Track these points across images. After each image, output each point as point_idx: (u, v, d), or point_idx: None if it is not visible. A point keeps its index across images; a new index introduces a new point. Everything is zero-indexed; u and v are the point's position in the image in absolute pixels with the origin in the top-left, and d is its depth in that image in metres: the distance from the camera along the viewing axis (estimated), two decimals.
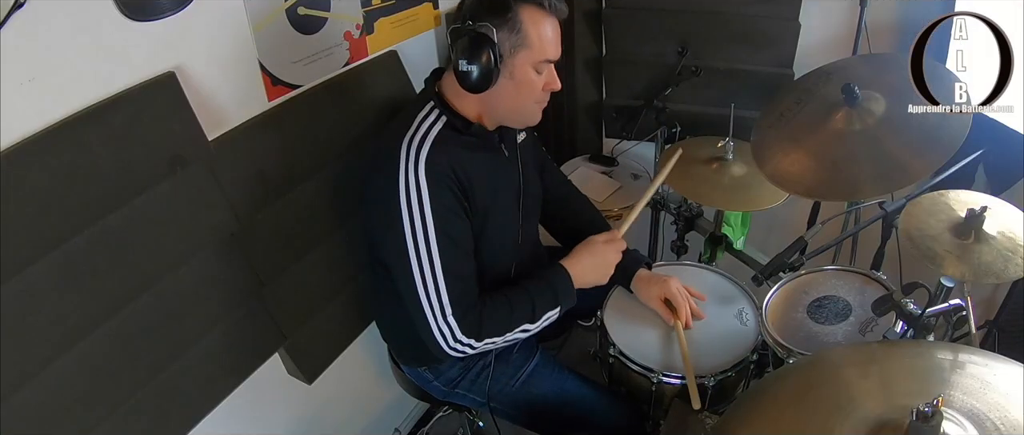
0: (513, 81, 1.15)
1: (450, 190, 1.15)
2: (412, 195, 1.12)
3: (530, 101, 1.20)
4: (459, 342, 1.18)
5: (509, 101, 1.19)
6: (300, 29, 1.25)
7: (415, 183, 1.12)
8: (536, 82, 1.18)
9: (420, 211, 1.12)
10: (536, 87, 1.18)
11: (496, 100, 1.19)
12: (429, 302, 1.15)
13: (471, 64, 1.10)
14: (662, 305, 1.38)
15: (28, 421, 0.97)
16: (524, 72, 1.15)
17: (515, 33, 1.12)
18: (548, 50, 1.16)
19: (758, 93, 1.79)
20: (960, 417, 0.72)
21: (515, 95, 1.18)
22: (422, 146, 1.14)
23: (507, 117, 1.24)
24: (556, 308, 1.26)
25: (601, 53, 2.03)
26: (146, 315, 1.09)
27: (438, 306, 1.15)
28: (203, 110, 1.10)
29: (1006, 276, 1.04)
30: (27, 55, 0.87)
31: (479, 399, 1.41)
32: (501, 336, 1.22)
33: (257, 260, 1.27)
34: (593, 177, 2.04)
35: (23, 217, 0.90)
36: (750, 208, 1.70)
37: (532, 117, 1.24)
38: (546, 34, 1.14)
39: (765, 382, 0.99)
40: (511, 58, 1.13)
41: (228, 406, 1.30)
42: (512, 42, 1.12)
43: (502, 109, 1.21)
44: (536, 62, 1.15)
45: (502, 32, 1.11)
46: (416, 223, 1.13)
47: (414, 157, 1.13)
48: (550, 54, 1.16)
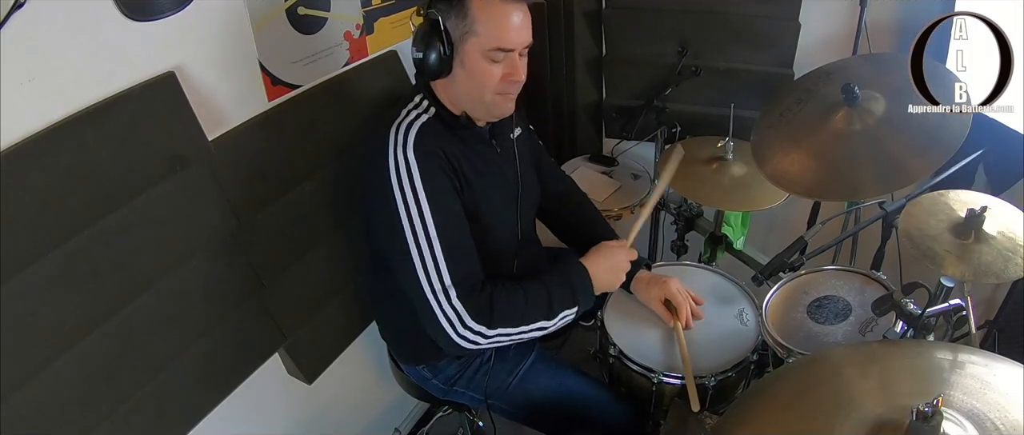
0: (465, 70, 1.12)
1: (441, 169, 1.13)
2: (402, 174, 1.10)
3: (487, 91, 1.14)
4: (469, 329, 1.13)
5: (467, 91, 1.16)
6: (300, 29, 1.25)
7: (404, 162, 1.10)
8: (490, 71, 1.12)
9: (412, 188, 1.10)
10: (492, 76, 1.13)
11: (456, 90, 1.16)
12: (431, 286, 1.12)
13: (420, 51, 1.09)
14: (662, 306, 1.38)
15: (28, 421, 0.97)
16: (475, 61, 1.11)
17: (463, 19, 1.08)
18: (500, 38, 1.09)
19: (758, 93, 1.79)
20: (960, 417, 0.72)
21: (470, 85, 1.14)
22: (410, 129, 1.13)
23: (470, 108, 1.20)
24: (574, 307, 1.22)
25: (601, 53, 2.03)
26: (146, 315, 1.09)
27: (441, 288, 1.11)
28: (203, 110, 1.10)
29: (1006, 276, 1.04)
30: (27, 55, 0.87)
31: (478, 396, 1.40)
32: (516, 327, 1.17)
33: (257, 260, 1.27)
34: (593, 177, 2.04)
35: (23, 217, 0.90)
36: (750, 208, 1.70)
37: (497, 109, 1.19)
38: (500, 21, 1.09)
39: (765, 382, 0.98)
40: (461, 45, 1.10)
41: (228, 406, 1.30)
42: (461, 29, 1.09)
43: (463, 99, 1.18)
44: (486, 50, 1.10)
45: (450, 19, 1.08)
46: (409, 201, 1.10)
47: (403, 139, 1.12)
48: (503, 42, 1.10)
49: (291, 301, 1.37)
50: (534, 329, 1.20)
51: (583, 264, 1.26)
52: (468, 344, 1.15)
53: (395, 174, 1.10)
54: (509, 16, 1.10)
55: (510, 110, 1.21)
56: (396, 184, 1.10)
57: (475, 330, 1.13)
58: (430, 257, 1.11)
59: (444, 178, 1.13)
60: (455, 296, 1.12)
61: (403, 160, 1.10)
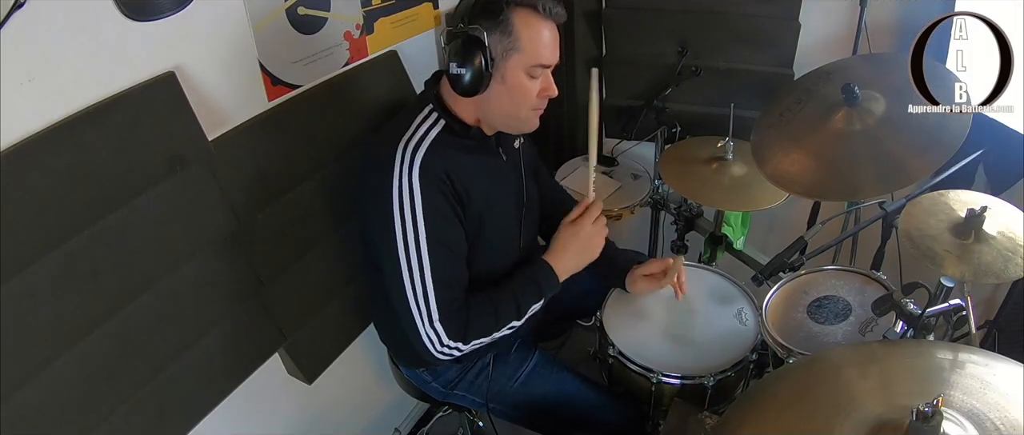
0: (505, 86, 1.13)
1: (443, 194, 1.14)
2: (405, 198, 1.11)
3: (525, 107, 1.17)
4: (446, 346, 1.18)
5: (503, 106, 1.17)
6: (300, 29, 1.25)
7: (408, 186, 1.11)
8: (530, 87, 1.15)
9: (412, 215, 1.11)
10: (530, 93, 1.15)
11: (490, 105, 1.17)
12: (417, 307, 1.15)
13: (462, 67, 1.09)
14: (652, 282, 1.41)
15: (28, 421, 0.97)
16: (516, 77, 1.13)
17: (507, 36, 1.09)
18: (542, 55, 1.12)
19: (758, 93, 1.79)
20: (960, 417, 0.72)
21: (508, 100, 1.15)
22: (418, 149, 1.13)
23: (502, 123, 1.22)
24: (540, 300, 1.25)
25: (601, 53, 2.03)
26: (146, 315, 1.09)
27: (425, 312, 1.15)
28: (203, 110, 1.10)
29: (1006, 276, 1.04)
30: (27, 55, 0.87)
31: (478, 400, 1.41)
32: (488, 336, 1.22)
33: (257, 260, 1.27)
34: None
35: (23, 217, 0.90)
36: (750, 208, 1.70)
37: (528, 124, 1.21)
38: (540, 38, 1.11)
39: (765, 382, 0.99)
40: (503, 62, 1.11)
41: (228, 406, 1.30)
42: (504, 45, 1.10)
43: (497, 114, 1.19)
44: (528, 67, 1.12)
45: (494, 35, 1.09)
46: (408, 227, 1.12)
47: (409, 160, 1.12)
48: (544, 59, 1.13)
49: (291, 301, 1.37)
50: (505, 330, 1.24)
51: (548, 263, 1.27)
52: (446, 357, 1.20)
53: (397, 198, 1.11)
54: (546, 33, 1.12)
55: (536, 125, 1.23)
56: (397, 207, 1.11)
57: (452, 346, 1.19)
58: (420, 281, 1.14)
59: (446, 205, 1.15)
60: (437, 319, 1.16)
61: (407, 185, 1.11)
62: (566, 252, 1.28)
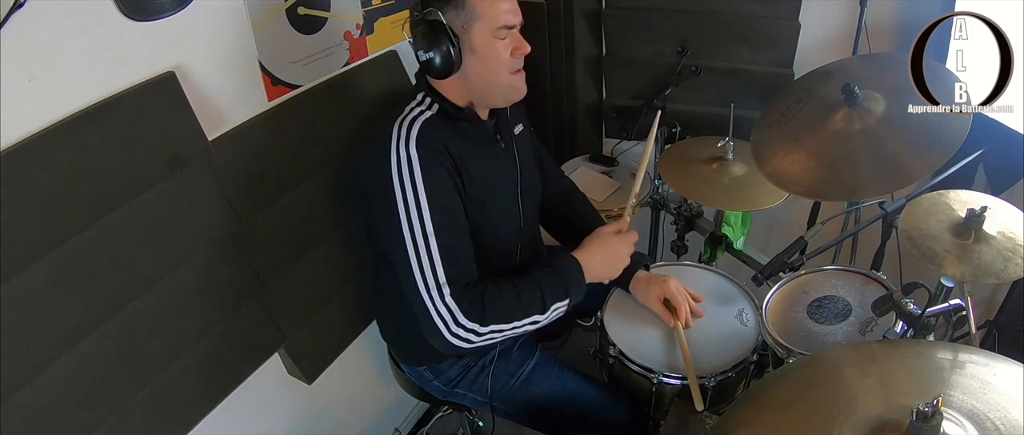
0: (476, 56, 1.14)
1: (442, 165, 1.13)
2: (403, 168, 1.11)
3: (502, 71, 1.17)
4: (462, 327, 1.12)
5: (482, 77, 1.17)
6: (300, 29, 1.25)
7: (405, 156, 1.11)
8: (501, 50, 1.15)
9: (412, 184, 1.11)
10: (502, 56, 1.15)
11: (470, 80, 1.17)
12: (425, 282, 1.11)
13: (429, 52, 1.11)
14: (661, 305, 1.38)
15: (28, 421, 0.97)
16: (484, 44, 1.13)
17: (462, 9, 1.11)
18: (502, 16, 1.13)
19: (758, 93, 1.79)
20: (960, 417, 0.72)
21: (483, 69, 1.16)
22: (413, 125, 1.14)
23: (490, 95, 1.22)
24: (566, 299, 1.21)
25: (601, 53, 2.03)
26: (146, 315, 1.09)
27: (435, 285, 1.11)
28: (203, 110, 1.10)
29: (1006, 276, 1.04)
30: (27, 55, 0.87)
31: (479, 398, 1.41)
32: (508, 324, 1.16)
33: (257, 260, 1.27)
34: (593, 177, 2.04)
35: (23, 217, 0.90)
36: (750, 208, 1.70)
37: (514, 90, 1.21)
38: (495, 2, 1.12)
39: (765, 382, 0.99)
40: (466, 34, 1.12)
41: (228, 406, 1.30)
42: (462, 19, 1.11)
43: (480, 87, 1.19)
44: (494, 29, 1.13)
45: (449, 12, 1.11)
46: (408, 197, 1.11)
47: (406, 133, 1.13)
48: (506, 20, 1.14)
49: (291, 301, 1.37)
50: (527, 324, 1.19)
51: (575, 257, 1.25)
52: (461, 342, 1.14)
53: (396, 169, 1.11)
54: None
55: (524, 91, 1.22)
56: (397, 179, 1.11)
57: (468, 328, 1.13)
58: (426, 254, 1.11)
59: (445, 175, 1.14)
60: (449, 293, 1.12)
61: (405, 155, 1.11)
62: (592, 255, 1.27)
